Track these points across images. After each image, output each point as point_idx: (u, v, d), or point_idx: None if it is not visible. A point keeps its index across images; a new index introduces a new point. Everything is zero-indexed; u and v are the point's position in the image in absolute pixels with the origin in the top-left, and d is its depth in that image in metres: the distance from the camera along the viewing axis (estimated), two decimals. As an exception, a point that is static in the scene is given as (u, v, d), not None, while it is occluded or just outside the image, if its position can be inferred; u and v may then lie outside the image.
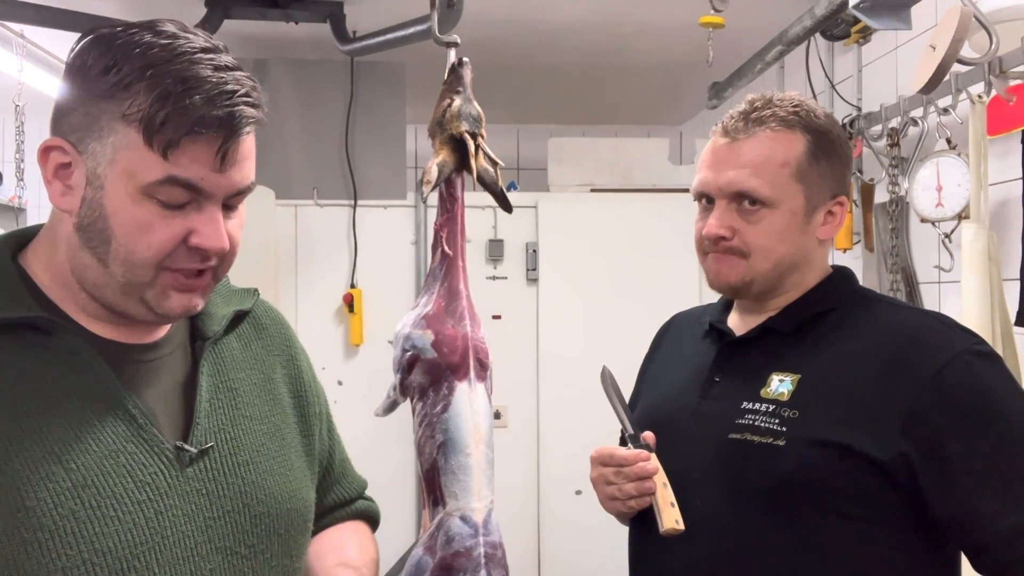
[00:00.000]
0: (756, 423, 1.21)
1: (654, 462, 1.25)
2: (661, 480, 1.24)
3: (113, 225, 0.88)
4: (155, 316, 0.93)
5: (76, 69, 0.90)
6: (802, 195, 1.26)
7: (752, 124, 1.27)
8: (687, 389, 1.34)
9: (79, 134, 0.89)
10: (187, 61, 0.88)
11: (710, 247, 1.30)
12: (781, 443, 1.18)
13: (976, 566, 1.18)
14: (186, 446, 0.93)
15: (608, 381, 1.40)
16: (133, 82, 0.86)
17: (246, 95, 0.91)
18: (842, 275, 1.35)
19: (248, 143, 0.94)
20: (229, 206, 0.94)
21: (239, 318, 1.09)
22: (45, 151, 0.91)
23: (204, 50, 0.90)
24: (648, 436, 1.29)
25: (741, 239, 1.27)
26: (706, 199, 1.31)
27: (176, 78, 0.86)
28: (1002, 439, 1.15)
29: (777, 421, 1.20)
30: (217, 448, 0.96)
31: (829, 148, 1.29)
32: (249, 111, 0.91)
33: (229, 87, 0.89)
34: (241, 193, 0.94)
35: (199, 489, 0.93)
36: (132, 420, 0.90)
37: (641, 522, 1.30)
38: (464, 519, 1.20)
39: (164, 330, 0.99)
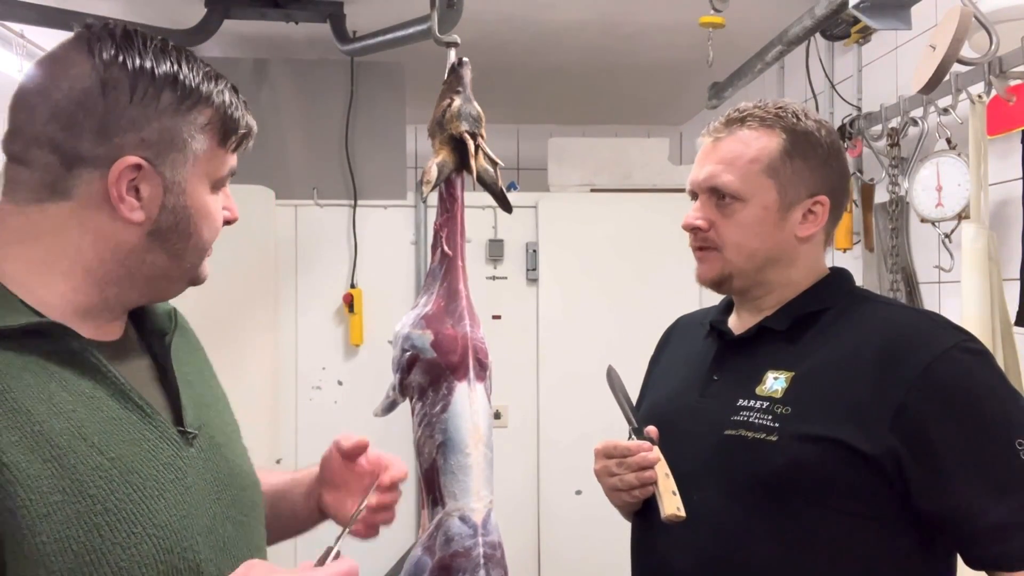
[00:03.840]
0: (750, 420, 1.24)
1: (656, 452, 1.29)
2: (663, 470, 1.27)
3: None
4: (186, 286, 1.03)
5: None
6: (774, 190, 1.30)
7: (732, 124, 1.34)
8: (687, 388, 1.37)
9: None
10: (219, 79, 1.00)
11: (691, 241, 1.36)
12: (773, 439, 1.21)
13: (966, 560, 1.20)
14: (188, 429, 0.99)
15: (614, 379, 1.44)
16: (200, 101, 0.98)
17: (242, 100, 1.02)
18: (839, 276, 1.38)
19: None
20: None
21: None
22: None
23: (222, 76, 1.02)
24: (651, 430, 1.33)
25: (716, 232, 1.33)
26: (693, 196, 1.38)
27: (221, 90, 1.00)
28: (989, 434, 1.17)
29: (770, 417, 1.23)
30: (203, 431, 1.03)
31: (806, 148, 1.32)
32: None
33: (240, 96, 1.02)
34: None
35: (203, 467, 1.00)
36: (140, 410, 0.95)
37: (643, 515, 1.34)
38: (463, 519, 1.20)
39: (121, 328, 1.02)
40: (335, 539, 0.99)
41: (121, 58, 0.92)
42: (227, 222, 1.03)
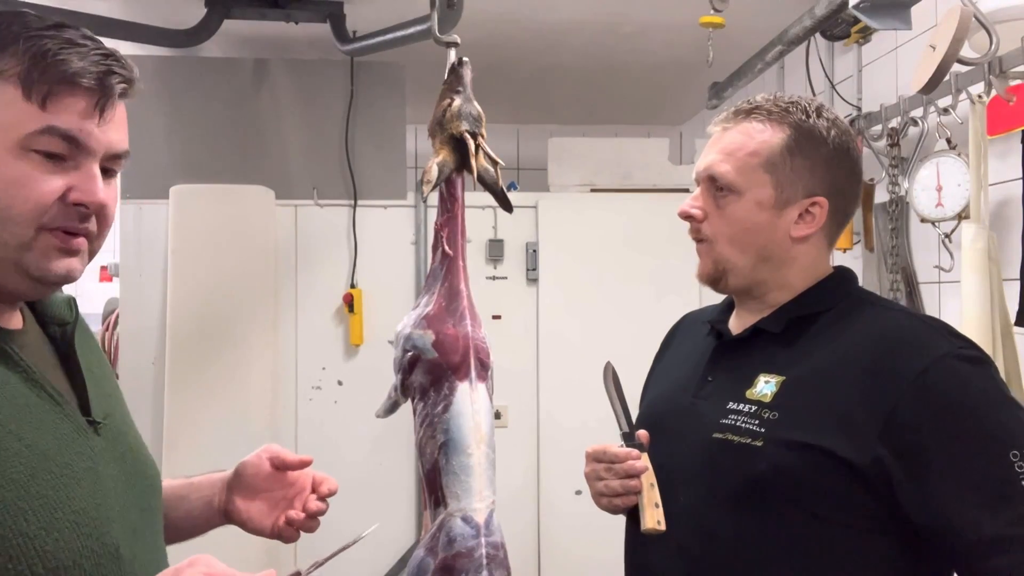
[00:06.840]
0: (738, 423, 1.22)
1: (644, 461, 1.27)
2: (648, 480, 1.25)
3: None
4: (31, 282, 0.94)
5: None
6: (770, 186, 1.27)
7: (740, 115, 1.31)
8: (683, 388, 1.36)
9: None
10: (62, 29, 0.94)
11: (689, 232, 1.35)
12: (759, 444, 1.19)
13: (959, 573, 1.18)
14: (97, 420, 1.00)
15: (609, 377, 1.40)
16: (8, 44, 0.90)
17: (118, 60, 0.97)
18: (840, 276, 1.34)
19: (122, 110, 0.98)
20: (107, 171, 0.97)
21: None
22: None
23: (75, 27, 0.96)
24: (642, 434, 1.31)
25: (709, 223, 1.31)
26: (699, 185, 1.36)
27: (54, 39, 0.92)
28: (980, 445, 1.13)
29: (757, 422, 1.21)
30: (109, 420, 1.03)
31: (809, 146, 1.28)
32: (122, 71, 0.96)
33: (103, 51, 0.96)
34: (118, 157, 0.98)
35: (110, 457, 1.00)
36: (51, 399, 0.95)
37: (633, 516, 1.32)
38: (466, 520, 1.20)
39: (20, 318, 1.00)
40: (307, 567, 1.05)
41: None
42: (77, 204, 0.92)
